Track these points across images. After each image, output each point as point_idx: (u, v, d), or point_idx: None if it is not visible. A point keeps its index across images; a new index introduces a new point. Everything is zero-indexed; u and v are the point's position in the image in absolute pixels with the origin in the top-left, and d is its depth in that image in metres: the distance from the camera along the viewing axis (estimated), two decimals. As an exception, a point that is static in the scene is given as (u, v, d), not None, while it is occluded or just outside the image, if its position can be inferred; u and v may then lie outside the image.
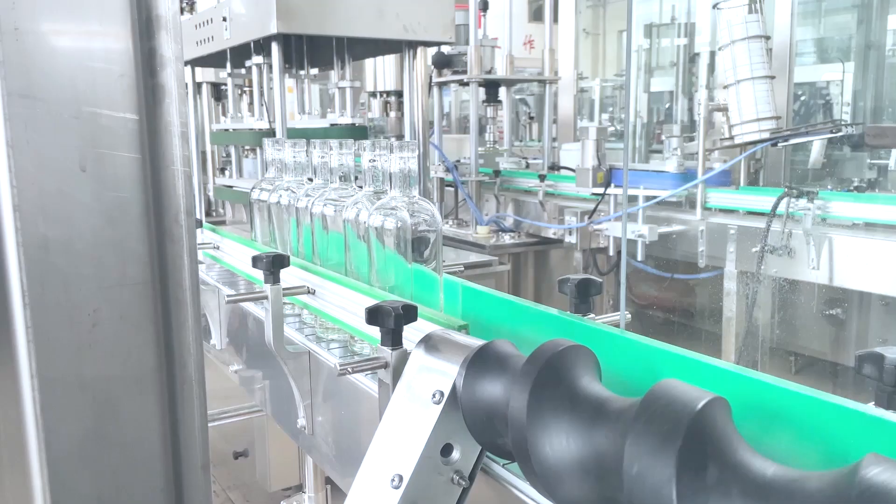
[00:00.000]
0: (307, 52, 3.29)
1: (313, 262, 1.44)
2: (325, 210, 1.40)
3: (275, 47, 2.59)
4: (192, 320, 0.77)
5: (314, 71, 4.17)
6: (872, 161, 3.68)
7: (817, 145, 3.50)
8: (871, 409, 0.70)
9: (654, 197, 3.11)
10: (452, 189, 4.16)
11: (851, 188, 2.92)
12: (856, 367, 0.71)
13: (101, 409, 0.73)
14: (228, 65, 3.21)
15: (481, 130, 4.17)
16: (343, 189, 1.42)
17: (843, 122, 3.21)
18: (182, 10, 4.06)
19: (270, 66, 2.74)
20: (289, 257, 1.25)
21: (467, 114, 4.98)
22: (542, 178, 3.73)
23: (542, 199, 3.68)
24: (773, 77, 3.03)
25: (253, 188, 1.70)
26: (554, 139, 4.54)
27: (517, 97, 5.78)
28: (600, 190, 3.35)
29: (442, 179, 4.01)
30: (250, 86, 3.38)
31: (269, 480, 2.58)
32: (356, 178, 1.42)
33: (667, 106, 5.36)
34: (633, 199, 3.18)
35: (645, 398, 0.62)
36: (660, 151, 4.54)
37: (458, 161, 4.07)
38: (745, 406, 0.70)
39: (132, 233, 0.72)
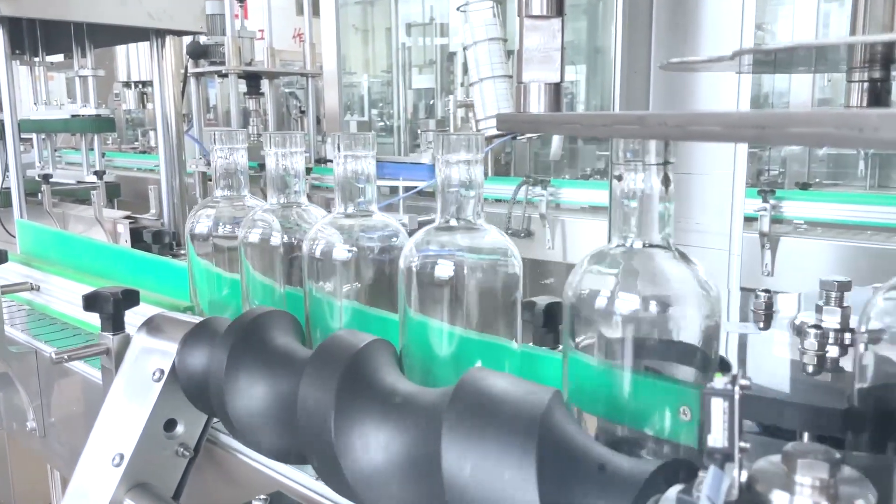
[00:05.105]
0: (42, 37, 3.02)
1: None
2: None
3: (-1, 30, 2.36)
4: None
5: (56, 58, 3.82)
6: (600, 153, 4.20)
7: (556, 139, 3.91)
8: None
9: (413, 187, 3.30)
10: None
11: (579, 177, 3.32)
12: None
13: None
14: (-56, 48, 2.85)
15: (245, 123, 4.10)
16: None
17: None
18: None
19: (-5, 51, 2.49)
20: (6, 252, 1.18)
21: (232, 106, 4.85)
22: (308, 171, 3.77)
23: (308, 191, 3.72)
24: (511, 76, 3.34)
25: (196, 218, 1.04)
26: (326, 133, 4.58)
27: (287, 90, 5.73)
28: (363, 182, 3.46)
29: (204, 173, 3.88)
30: (-26, 72, 3.02)
31: (14, 502, 2.37)
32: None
33: (431, 102, 5.64)
34: (394, 190, 3.34)
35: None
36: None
37: (222, 155, 3.96)
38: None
39: None
